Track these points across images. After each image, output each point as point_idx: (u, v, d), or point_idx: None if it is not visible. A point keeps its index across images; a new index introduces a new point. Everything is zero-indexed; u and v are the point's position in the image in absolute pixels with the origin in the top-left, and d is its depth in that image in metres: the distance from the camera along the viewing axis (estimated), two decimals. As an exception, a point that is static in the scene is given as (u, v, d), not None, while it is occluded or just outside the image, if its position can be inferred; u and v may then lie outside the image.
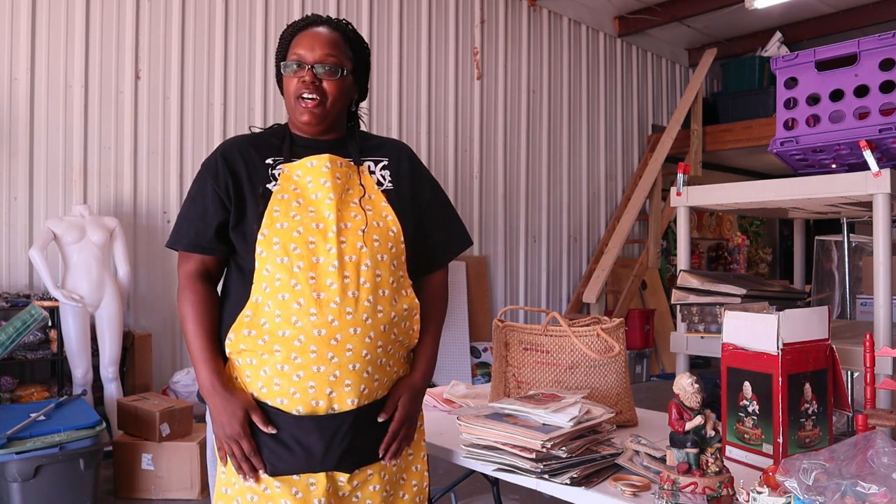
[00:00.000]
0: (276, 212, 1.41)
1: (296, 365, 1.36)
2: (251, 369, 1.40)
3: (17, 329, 3.13)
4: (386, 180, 1.52)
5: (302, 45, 1.47)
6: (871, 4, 7.05)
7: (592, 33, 7.40)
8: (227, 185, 1.45)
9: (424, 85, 5.96)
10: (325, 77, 1.45)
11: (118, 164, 4.46)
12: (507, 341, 2.01)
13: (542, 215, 6.85)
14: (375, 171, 1.53)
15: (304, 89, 1.45)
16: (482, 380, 5.52)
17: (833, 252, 4.79)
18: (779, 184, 2.42)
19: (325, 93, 1.46)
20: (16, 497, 2.83)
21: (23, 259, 4.11)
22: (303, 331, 1.35)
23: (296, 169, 1.46)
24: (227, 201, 1.45)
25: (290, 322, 1.35)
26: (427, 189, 1.58)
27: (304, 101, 1.45)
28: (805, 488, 1.11)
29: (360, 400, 1.39)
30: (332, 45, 1.47)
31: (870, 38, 2.36)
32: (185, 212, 1.49)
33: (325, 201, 1.42)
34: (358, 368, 1.38)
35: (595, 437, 1.56)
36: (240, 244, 1.44)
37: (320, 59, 1.45)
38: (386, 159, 1.55)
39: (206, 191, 1.46)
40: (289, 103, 1.49)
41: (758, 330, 1.54)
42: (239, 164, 1.47)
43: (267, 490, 1.38)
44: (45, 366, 4.10)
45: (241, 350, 1.41)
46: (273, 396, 1.38)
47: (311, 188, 1.44)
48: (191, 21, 4.75)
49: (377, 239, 1.42)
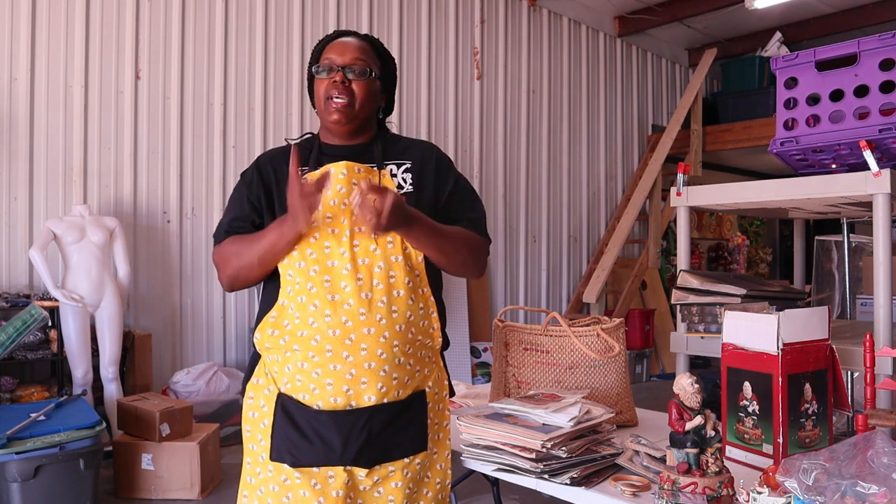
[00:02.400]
0: None
1: (314, 363, 1.43)
2: (278, 365, 1.49)
3: (17, 329, 3.13)
4: (407, 183, 1.58)
5: (333, 52, 1.57)
6: (871, 4, 7.05)
7: (592, 33, 7.40)
8: (259, 195, 1.57)
9: (424, 85, 5.96)
10: (355, 78, 1.54)
11: (118, 164, 4.46)
12: (507, 341, 2.01)
13: (542, 215, 6.85)
14: (398, 174, 1.58)
15: (333, 90, 1.53)
16: (482, 380, 5.52)
17: (833, 252, 4.79)
18: (779, 184, 2.42)
19: (354, 94, 1.54)
20: (16, 497, 2.83)
21: (23, 259, 4.11)
22: (318, 331, 1.42)
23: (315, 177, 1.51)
24: (259, 210, 1.56)
25: (307, 323, 1.43)
26: (451, 182, 1.63)
27: (334, 101, 1.53)
28: (805, 488, 1.11)
29: (379, 398, 1.44)
30: (360, 50, 1.57)
31: (870, 38, 2.36)
32: (226, 212, 1.61)
33: (341, 206, 1.49)
34: (374, 367, 1.43)
35: (595, 437, 1.57)
36: None
37: (350, 62, 1.54)
38: (409, 162, 1.61)
39: (242, 198, 1.58)
40: (319, 105, 1.57)
41: (758, 330, 1.54)
42: (271, 176, 1.58)
43: (287, 481, 1.44)
44: (45, 366, 4.10)
45: (266, 348, 1.50)
46: (296, 392, 1.46)
47: (328, 195, 1.50)
48: (191, 21, 4.75)
49: (391, 241, 1.48)
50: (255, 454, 1.49)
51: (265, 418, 1.49)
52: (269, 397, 1.49)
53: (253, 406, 1.51)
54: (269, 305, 1.51)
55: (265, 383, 1.51)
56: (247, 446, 1.52)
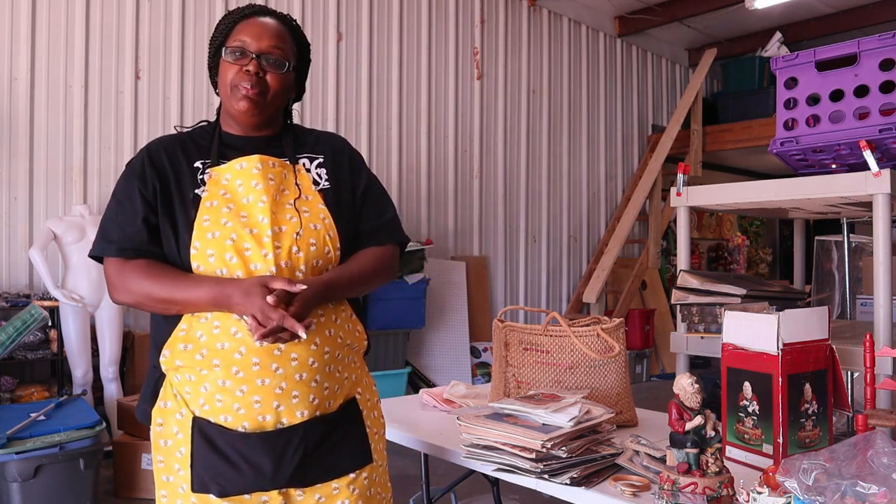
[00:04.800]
0: (207, 221, 1.33)
1: (238, 379, 1.28)
2: (191, 385, 1.32)
3: (17, 329, 3.13)
4: (322, 179, 1.45)
5: (247, 33, 1.38)
6: (871, 4, 7.05)
7: (592, 33, 7.40)
8: (155, 189, 1.36)
9: (424, 85, 5.96)
10: (270, 69, 1.38)
11: (118, 164, 4.45)
12: (507, 341, 2.01)
13: (542, 215, 6.85)
14: (311, 168, 1.45)
15: (245, 79, 1.37)
16: (482, 380, 5.52)
17: (833, 252, 4.79)
18: (779, 184, 2.42)
19: (268, 86, 1.38)
20: (16, 497, 2.82)
21: (23, 259, 4.11)
22: (243, 342, 1.28)
23: (224, 172, 1.38)
24: (154, 206, 1.36)
25: (229, 333, 1.29)
26: (363, 181, 1.51)
27: (243, 89, 1.36)
28: (805, 488, 1.11)
29: (311, 411, 1.33)
30: (279, 37, 1.40)
31: (870, 38, 2.36)
32: (113, 214, 1.38)
33: (258, 204, 1.35)
34: (305, 378, 1.31)
35: (595, 437, 1.56)
36: (171, 255, 1.35)
37: (266, 49, 1.38)
38: (321, 156, 1.48)
39: (133, 193, 1.36)
40: (224, 91, 1.40)
41: (758, 330, 1.54)
42: (166, 167, 1.38)
43: None
44: (45, 366, 4.10)
45: (177, 367, 1.33)
46: (216, 414, 1.30)
47: (241, 192, 1.36)
48: (191, 21, 4.75)
49: (314, 243, 1.36)
50: (173, 486, 1.34)
51: (181, 446, 1.33)
52: (182, 422, 1.33)
53: (164, 433, 1.35)
54: (174, 318, 1.34)
55: (175, 407, 1.34)
56: (159, 478, 1.37)
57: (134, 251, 1.35)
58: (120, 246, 1.35)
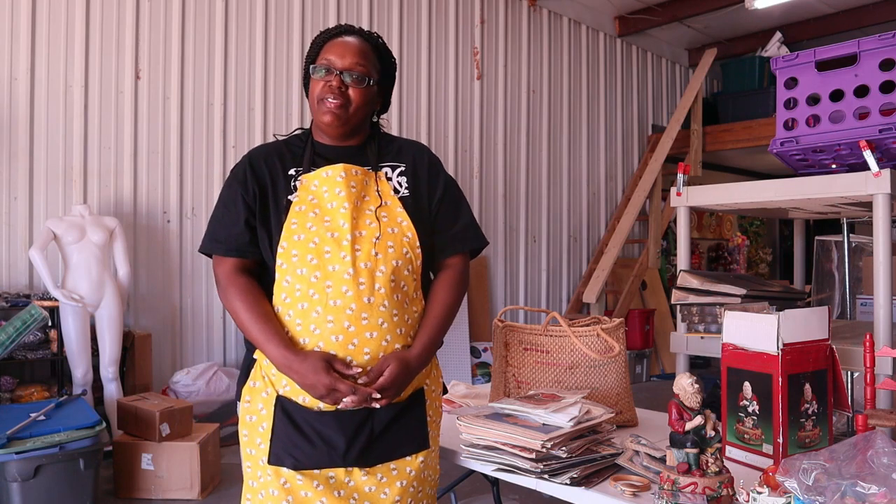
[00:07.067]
0: (294, 224, 1.47)
1: None
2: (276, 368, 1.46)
3: (17, 329, 3.13)
4: (402, 187, 1.56)
5: (332, 52, 1.53)
6: (871, 4, 7.05)
7: (592, 33, 7.40)
8: (255, 194, 1.51)
9: (424, 85, 5.96)
10: (352, 84, 1.51)
11: (118, 164, 4.46)
12: (507, 341, 2.01)
13: (542, 215, 6.85)
14: (392, 177, 1.57)
15: (328, 93, 1.51)
16: (482, 380, 5.52)
17: (833, 252, 4.79)
18: (779, 184, 2.42)
19: (350, 99, 1.51)
20: (16, 497, 2.83)
21: (23, 259, 4.11)
22: (321, 338, 1.41)
23: (312, 179, 1.51)
24: (254, 209, 1.51)
25: (309, 330, 1.42)
26: (439, 188, 1.61)
27: (328, 103, 1.50)
28: (805, 488, 1.11)
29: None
30: (361, 54, 1.53)
31: (870, 38, 2.36)
32: (220, 216, 1.54)
33: (340, 210, 1.47)
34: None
35: (595, 437, 1.57)
36: (266, 254, 1.50)
37: (349, 66, 1.51)
38: (403, 165, 1.59)
39: (237, 198, 1.52)
40: (312, 105, 1.55)
41: (758, 330, 1.54)
42: (265, 174, 1.53)
43: (287, 483, 1.43)
44: (45, 366, 4.10)
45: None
46: (297, 394, 1.44)
47: (326, 198, 1.49)
48: (191, 21, 4.75)
49: (391, 245, 1.47)
50: (255, 458, 1.48)
51: (264, 421, 1.47)
52: (266, 400, 1.47)
53: (250, 409, 1.50)
54: None
55: (262, 386, 1.49)
56: (244, 450, 1.50)
57: (237, 251, 1.51)
58: (227, 246, 1.51)
